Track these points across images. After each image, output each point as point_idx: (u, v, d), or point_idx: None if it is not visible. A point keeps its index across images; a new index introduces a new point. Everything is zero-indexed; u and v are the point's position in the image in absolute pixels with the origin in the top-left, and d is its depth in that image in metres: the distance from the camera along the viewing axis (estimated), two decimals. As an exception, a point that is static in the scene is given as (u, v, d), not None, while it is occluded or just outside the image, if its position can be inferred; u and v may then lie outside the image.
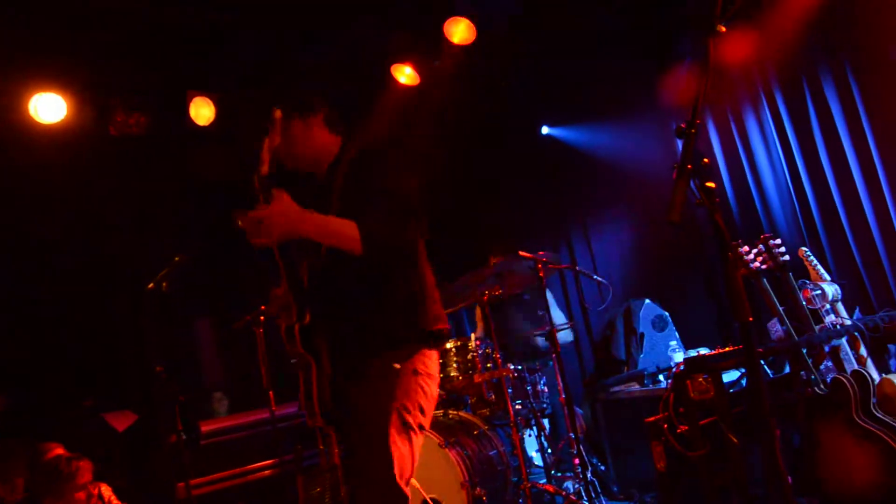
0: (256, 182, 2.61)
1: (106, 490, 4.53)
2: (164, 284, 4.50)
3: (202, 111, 5.84)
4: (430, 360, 2.77)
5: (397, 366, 2.66)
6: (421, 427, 2.72)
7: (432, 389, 2.77)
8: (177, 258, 4.54)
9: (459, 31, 5.59)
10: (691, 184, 1.91)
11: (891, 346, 4.29)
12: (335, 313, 2.76)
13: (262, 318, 4.70)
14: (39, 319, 5.94)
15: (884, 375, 3.82)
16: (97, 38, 5.17)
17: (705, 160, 1.90)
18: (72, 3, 4.87)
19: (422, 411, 2.71)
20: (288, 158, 2.90)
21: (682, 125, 1.90)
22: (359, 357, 2.72)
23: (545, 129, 7.41)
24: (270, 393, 4.71)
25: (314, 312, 2.73)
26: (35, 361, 5.79)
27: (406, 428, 2.65)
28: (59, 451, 4.45)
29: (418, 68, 6.05)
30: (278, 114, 2.66)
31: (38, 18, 4.94)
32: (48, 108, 5.30)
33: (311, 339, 2.71)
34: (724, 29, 2.03)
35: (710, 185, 1.90)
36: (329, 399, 2.68)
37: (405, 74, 6.01)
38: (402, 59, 5.98)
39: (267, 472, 5.49)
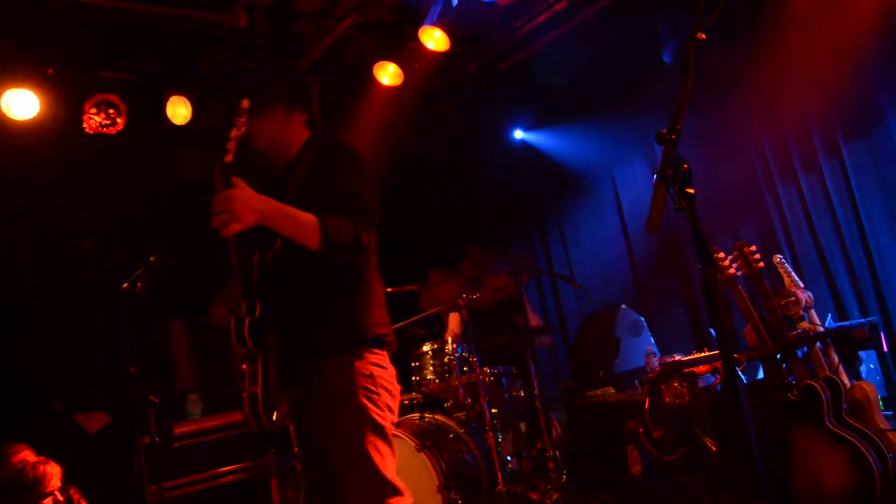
0: (218, 169, 2.55)
1: (75, 494, 4.45)
2: (138, 285, 4.45)
3: (179, 110, 5.78)
4: (383, 359, 2.75)
5: (353, 376, 2.63)
6: (394, 424, 2.71)
7: (393, 385, 2.75)
8: (152, 258, 4.49)
9: (434, 39, 5.59)
10: (671, 190, 1.92)
11: (861, 353, 4.35)
12: (282, 311, 2.73)
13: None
14: (9, 318, 5.84)
15: (854, 381, 3.87)
16: (72, 33, 5.11)
17: (685, 166, 1.91)
18: (46, -1, 4.81)
19: (390, 410, 2.69)
20: (257, 140, 2.86)
21: (663, 131, 1.91)
22: (305, 360, 2.69)
23: (519, 134, 7.43)
24: (245, 395, 4.66)
25: (264, 310, 2.69)
26: (4, 362, 5.69)
27: (379, 429, 2.63)
28: (27, 453, 4.36)
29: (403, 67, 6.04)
30: (246, 103, 2.61)
31: (10, 13, 4.87)
32: (20, 104, 5.22)
33: (260, 336, 2.67)
34: (703, 36, 2.04)
35: (690, 191, 1.91)
36: (272, 401, 2.66)
37: (388, 74, 5.99)
38: (383, 58, 5.96)
39: (241, 474, 5.44)
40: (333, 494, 2.65)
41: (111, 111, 5.58)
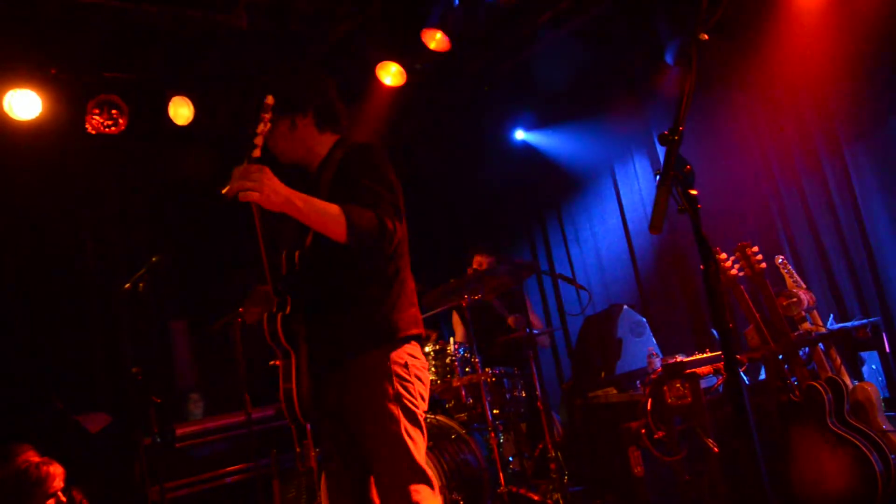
0: (246, 164, 2.56)
1: (78, 495, 4.45)
2: (140, 285, 4.45)
3: (181, 111, 5.78)
4: (417, 350, 2.81)
5: (390, 364, 2.69)
6: (425, 413, 2.77)
7: (425, 375, 2.81)
8: (153, 259, 4.49)
9: (435, 40, 5.60)
10: (674, 191, 1.91)
11: (863, 354, 4.35)
12: (315, 309, 2.75)
13: (238, 319, 4.66)
14: (11, 318, 5.84)
15: (857, 382, 3.87)
16: (74, 34, 5.11)
17: (688, 167, 1.91)
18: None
19: (422, 398, 2.76)
20: (279, 154, 2.90)
21: (666, 132, 1.90)
22: (340, 354, 2.72)
23: (520, 134, 7.43)
24: (247, 395, 4.67)
25: (295, 305, 2.72)
26: (6, 362, 5.69)
27: (413, 416, 2.69)
28: (30, 453, 4.36)
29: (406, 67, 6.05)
30: (270, 100, 2.60)
31: (12, 14, 4.87)
32: (23, 104, 5.22)
33: (292, 331, 2.70)
34: (706, 36, 2.04)
35: (693, 192, 1.91)
36: (308, 395, 2.68)
37: (391, 73, 5.99)
38: (386, 59, 5.97)
39: (242, 475, 5.44)
40: (360, 490, 2.74)
41: (113, 111, 5.59)
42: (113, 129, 5.61)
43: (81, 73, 5.49)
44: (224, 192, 2.41)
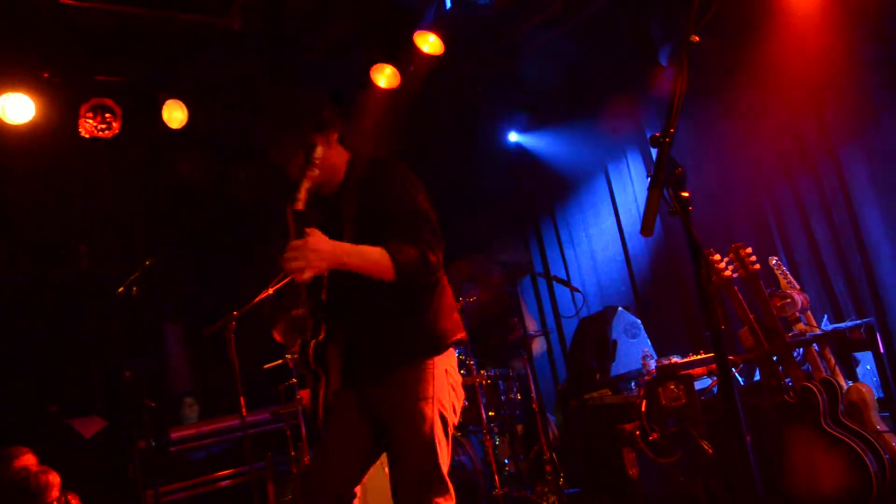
0: (290, 217, 2.54)
1: (73, 498, 4.44)
2: (133, 289, 4.44)
3: (175, 114, 5.77)
4: (454, 360, 2.82)
5: (431, 368, 2.69)
6: (454, 425, 2.77)
7: (459, 386, 2.83)
8: (147, 262, 4.48)
9: (429, 43, 5.61)
10: (665, 193, 1.91)
11: (858, 355, 4.35)
12: (359, 324, 2.76)
13: (233, 323, 4.65)
14: (4, 322, 5.82)
15: (851, 383, 3.88)
16: (67, 37, 5.10)
17: (679, 169, 1.91)
18: (42, 2, 4.79)
19: (454, 410, 2.76)
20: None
21: (657, 134, 1.90)
22: (387, 366, 2.71)
23: (514, 136, 7.43)
24: (241, 399, 4.66)
25: (330, 327, 2.77)
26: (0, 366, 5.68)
27: (446, 427, 2.69)
28: (29, 457, 4.34)
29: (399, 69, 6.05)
30: (320, 151, 2.59)
31: (5, 18, 4.85)
32: (16, 109, 5.21)
33: (323, 355, 2.77)
34: (697, 38, 2.04)
35: (685, 194, 1.90)
36: (325, 410, 2.75)
37: (385, 76, 5.99)
38: (380, 61, 5.97)
39: (237, 479, 5.43)
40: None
41: (107, 115, 5.57)
42: (107, 132, 5.59)
43: (74, 77, 5.47)
44: (285, 270, 2.43)
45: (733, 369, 4.14)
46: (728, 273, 3.88)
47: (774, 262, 4.29)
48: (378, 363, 2.72)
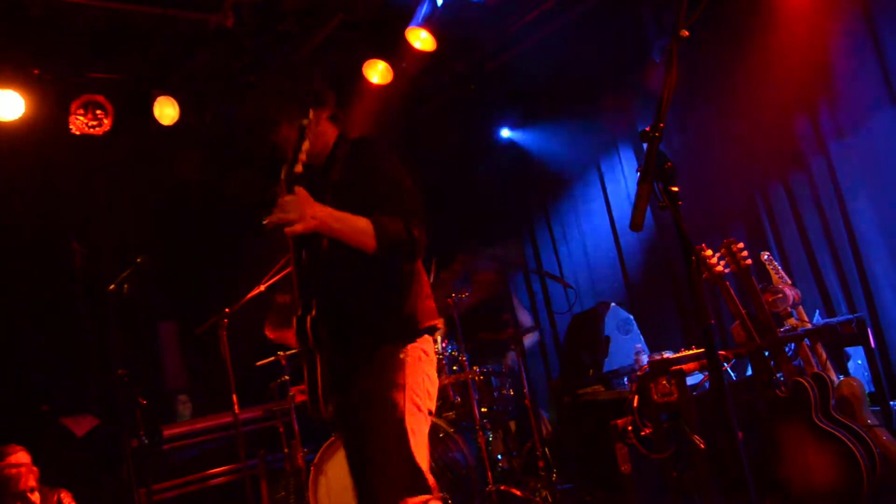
0: (284, 175, 2.62)
1: (66, 496, 4.43)
2: (125, 286, 4.43)
3: (166, 111, 5.76)
4: (430, 345, 2.81)
5: (403, 356, 2.68)
6: (430, 412, 2.75)
7: (434, 373, 2.81)
8: (139, 259, 4.47)
9: (421, 39, 5.61)
10: (655, 188, 1.92)
11: (849, 349, 4.37)
12: (334, 305, 2.76)
13: (226, 321, 4.64)
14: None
15: (842, 377, 3.89)
16: (58, 34, 5.08)
17: (668, 164, 1.91)
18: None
19: (429, 396, 2.75)
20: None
21: (647, 129, 1.91)
22: (359, 349, 2.72)
23: (506, 133, 7.43)
24: (234, 396, 4.66)
25: (319, 307, 2.75)
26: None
27: (418, 412, 2.67)
28: (20, 454, 4.34)
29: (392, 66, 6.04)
30: (312, 115, 2.66)
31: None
32: (6, 105, 5.18)
33: (318, 332, 2.75)
34: (686, 34, 2.04)
35: (674, 188, 1.91)
36: (329, 391, 2.72)
37: (378, 72, 5.99)
38: (373, 57, 5.96)
39: (231, 476, 5.42)
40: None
41: (98, 112, 5.55)
42: (98, 129, 5.57)
43: (65, 74, 5.45)
44: (265, 222, 2.48)
45: (725, 364, 4.16)
46: (720, 268, 3.89)
47: (766, 257, 4.30)
48: (355, 347, 2.72)
